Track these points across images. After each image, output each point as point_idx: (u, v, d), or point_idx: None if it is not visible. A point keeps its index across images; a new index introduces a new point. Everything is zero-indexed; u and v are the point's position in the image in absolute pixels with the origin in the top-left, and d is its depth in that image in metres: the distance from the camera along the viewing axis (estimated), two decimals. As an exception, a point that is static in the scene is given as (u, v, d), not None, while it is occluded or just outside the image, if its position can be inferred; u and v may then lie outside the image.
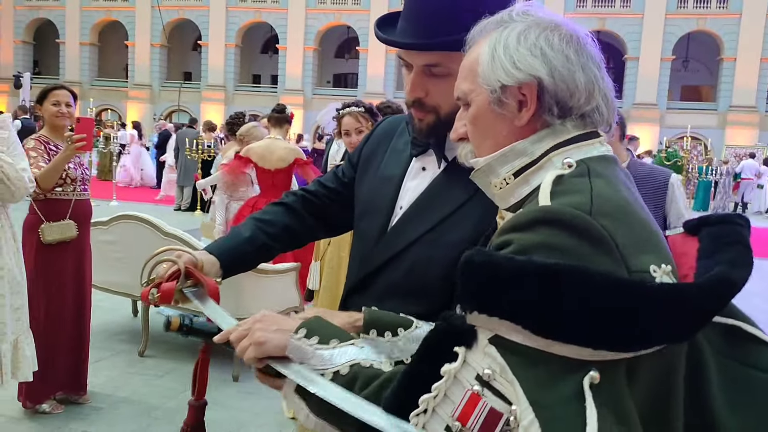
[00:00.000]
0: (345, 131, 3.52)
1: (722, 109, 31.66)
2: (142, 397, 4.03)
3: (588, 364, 0.75)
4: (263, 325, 1.07)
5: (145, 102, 37.11)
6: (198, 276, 1.36)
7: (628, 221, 0.85)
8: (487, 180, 1.02)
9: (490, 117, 0.99)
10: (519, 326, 0.78)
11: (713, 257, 0.88)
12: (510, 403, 0.77)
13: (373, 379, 0.95)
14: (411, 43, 1.27)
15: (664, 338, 0.79)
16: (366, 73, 34.71)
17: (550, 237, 0.81)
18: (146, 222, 4.59)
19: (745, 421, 0.89)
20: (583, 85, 0.95)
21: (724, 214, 1.01)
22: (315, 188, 1.65)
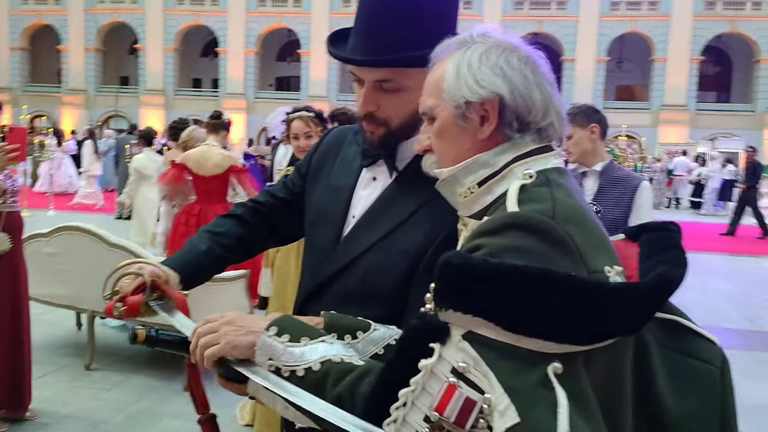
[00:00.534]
0: (294, 135, 3.53)
1: (655, 108, 32.90)
2: (89, 412, 3.95)
3: (551, 356, 0.82)
4: (233, 326, 1.08)
5: (81, 108, 35.97)
6: (164, 288, 1.35)
7: (584, 227, 0.94)
8: (452, 189, 1.09)
9: (454, 130, 1.06)
10: (491, 323, 0.84)
11: (653, 260, 0.98)
12: (483, 392, 0.84)
13: (346, 374, 0.99)
14: (364, 60, 1.32)
15: (618, 332, 0.88)
16: (308, 77, 34.58)
17: (519, 240, 0.88)
18: (90, 233, 4.50)
19: (687, 405, 0.98)
20: (539, 102, 1.03)
21: (660, 222, 1.11)
22: (265, 198, 1.67)
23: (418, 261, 1.32)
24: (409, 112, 1.35)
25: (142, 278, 1.34)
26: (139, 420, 3.86)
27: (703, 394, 1.00)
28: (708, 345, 1.04)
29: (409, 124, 1.37)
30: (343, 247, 1.42)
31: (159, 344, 1.22)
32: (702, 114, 32.66)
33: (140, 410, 4.00)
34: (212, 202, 5.10)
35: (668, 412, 0.97)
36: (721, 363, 1.03)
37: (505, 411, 0.80)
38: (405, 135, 1.39)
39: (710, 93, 35.75)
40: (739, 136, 27.39)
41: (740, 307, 7.52)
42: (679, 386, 0.99)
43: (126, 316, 1.31)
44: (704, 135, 29.99)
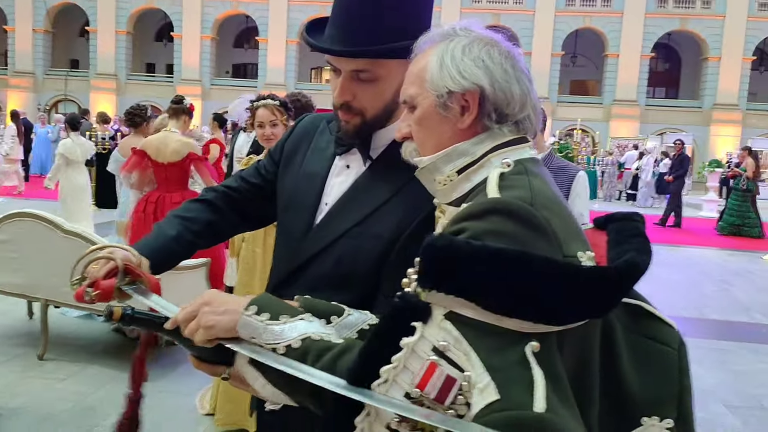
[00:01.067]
0: (259, 123, 3.51)
1: (607, 103, 33.66)
2: (42, 403, 3.86)
3: (529, 336, 0.87)
4: (211, 308, 1.10)
5: (28, 91, 34.76)
6: (138, 272, 1.34)
7: (559, 213, 0.99)
8: (431, 177, 1.12)
9: (435, 119, 1.10)
10: (472, 303, 0.88)
11: (620, 247, 1.04)
12: (462, 370, 0.87)
13: (326, 351, 1.02)
14: (342, 50, 1.34)
15: (590, 313, 0.93)
16: (266, 64, 34.14)
17: (499, 225, 0.92)
18: (43, 220, 4.38)
19: (646, 381, 1.04)
20: (518, 95, 1.07)
21: (626, 212, 1.18)
22: (237, 184, 1.67)
23: (390, 246, 1.35)
24: (384, 102, 1.39)
25: (113, 263, 1.32)
26: (95, 411, 3.80)
27: (663, 375, 1.06)
28: (667, 329, 1.11)
29: (383, 113, 1.40)
30: (317, 233, 1.44)
31: (135, 323, 1.20)
32: (651, 109, 33.60)
33: (96, 401, 3.93)
34: (171, 190, 5.02)
35: (631, 392, 1.02)
36: (678, 346, 1.10)
37: (485, 388, 0.84)
38: (379, 124, 1.42)
39: (660, 89, 36.80)
40: (686, 131, 28.25)
41: (687, 296, 7.80)
42: (641, 367, 1.05)
43: (98, 301, 1.29)
44: (654, 129, 30.94)
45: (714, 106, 32.88)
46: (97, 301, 1.28)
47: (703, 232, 13.81)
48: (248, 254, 3.49)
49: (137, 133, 6.32)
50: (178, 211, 1.62)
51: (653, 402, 1.04)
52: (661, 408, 1.03)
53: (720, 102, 32.82)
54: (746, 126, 32.26)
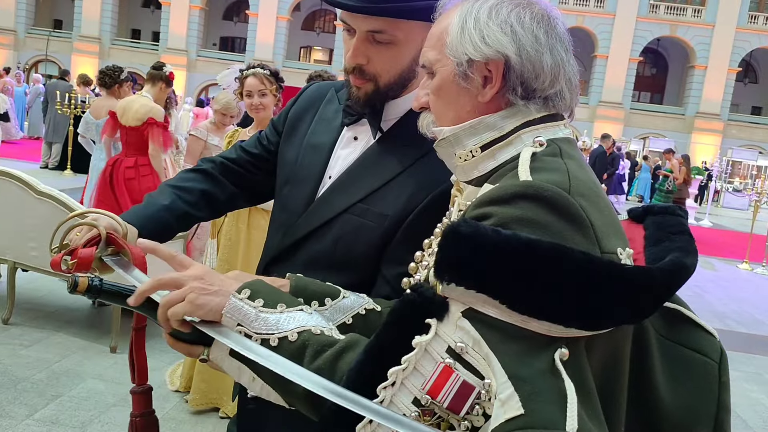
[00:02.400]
0: (247, 92, 3.39)
1: (593, 104, 33.81)
2: (7, 368, 3.71)
3: (558, 341, 0.77)
4: (201, 285, 0.96)
5: (8, 49, 33.93)
6: (122, 243, 1.20)
7: (598, 204, 0.87)
8: (451, 151, 1.00)
9: (453, 89, 0.97)
10: (496, 300, 0.77)
11: (661, 245, 0.93)
12: (482, 377, 0.77)
13: (326, 347, 0.91)
14: (358, 5, 1.22)
15: (629, 318, 0.82)
16: (255, 39, 33.68)
17: (531, 212, 0.80)
18: (16, 179, 4.19)
19: (681, 395, 0.94)
20: (549, 67, 0.94)
21: (667, 205, 1.06)
22: (237, 155, 1.56)
23: (395, 227, 1.26)
24: (401, 69, 1.28)
25: (96, 231, 1.18)
26: (60, 379, 3.66)
27: (699, 387, 0.96)
28: (708, 338, 1.01)
29: (398, 82, 1.29)
30: (317, 207, 1.34)
31: (102, 295, 1.06)
32: (636, 113, 33.85)
33: (62, 369, 3.79)
34: (128, 155, 4.91)
35: (663, 403, 0.93)
36: (719, 358, 1.00)
37: (508, 400, 0.74)
38: (392, 94, 1.31)
39: (645, 93, 37.07)
40: (668, 137, 28.50)
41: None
42: (676, 378, 0.95)
43: (75, 271, 1.14)
44: (637, 133, 31.15)
45: (697, 114, 33.21)
46: (74, 271, 1.14)
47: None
48: (231, 230, 3.36)
49: (109, 95, 6.13)
50: (171, 180, 1.51)
51: (688, 418, 0.94)
52: (694, 421, 0.94)
53: (703, 110, 33.16)
54: (726, 136, 32.66)
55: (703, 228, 16.32)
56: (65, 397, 3.48)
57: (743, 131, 33.35)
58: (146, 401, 1.19)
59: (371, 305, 1.18)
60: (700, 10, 33.11)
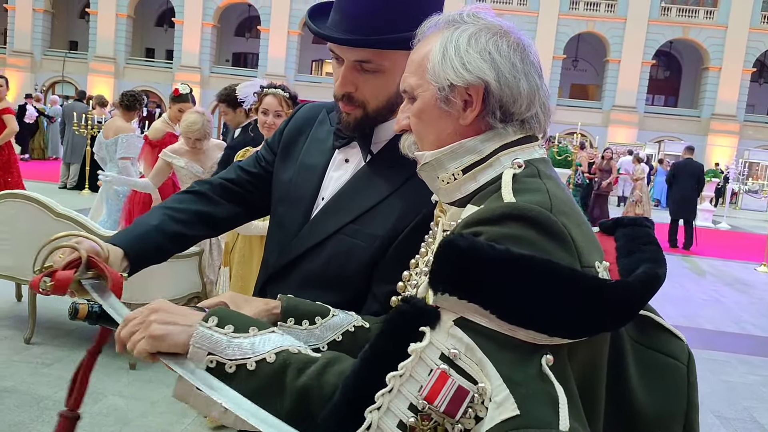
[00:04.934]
0: (264, 110, 3.45)
1: (606, 108, 33.67)
2: (29, 387, 3.80)
3: (542, 347, 0.82)
4: (159, 316, 0.97)
5: (26, 71, 34.52)
6: (102, 266, 1.21)
7: (576, 220, 0.92)
8: (434, 174, 1.04)
9: (435, 113, 1.02)
10: (486, 310, 0.82)
11: (633, 256, 0.99)
12: (475, 381, 0.82)
13: (309, 364, 0.94)
14: (346, 39, 1.27)
15: (608, 326, 0.88)
16: (267, 54, 34.00)
17: (518, 231, 0.86)
18: (35, 201, 4.31)
19: (654, 395, 0.99)
20: (525, 92, 0.99)
21: (634, 217, 1.12)
22: (236, 174, 1.60)
23: (385, 247, 1.30)
24: (388, 95, 1.33)
25: (77, 254, 1.20)
26: (81, 397, 3.75)
27: (672, 389, 1.01)
28: (677, 342, 1.06)
29: (386, 107, 1.34)
30: (309, 229, 1.39)
31: (101, 321, 1.10)
32: (650, 117, 33.65)
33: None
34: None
35: (638, 403, 0.98)
36: (687, 360, 1.05)
37: (503, 402, 0.78)
38: (381, 118, 1.36)
39: (659, 96, 36.86)
40: (684, 140, 28.28)
41: (679, 305, 7.79)
42: (649, 381, 1.00)
43: (53, 293, 1.16)
44: (652, 137, 30.95)
45: (712, 116, 32.95)
46: (51, 293, 1.16)
47: (696, 242, 13.82)
48: (245, 246, 3.44)
49: (124, 117, 6.26)
50: (164, 203, 1.53)
51: (660, 417, 0.99)
52: (669, 423, 0.99)
53: (718, 112, 32.90)
54: (743, 137, 32.34)
55: (721, 231, 16.18)
56: (86, 414, 3.55)
57: (760, 132, 33.02)
58: (71, 428, 1.19)
59: (360, 322, 1.22)
60: (712, 11, 32.93)
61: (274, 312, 1.21)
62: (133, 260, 1.35)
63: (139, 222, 1.44)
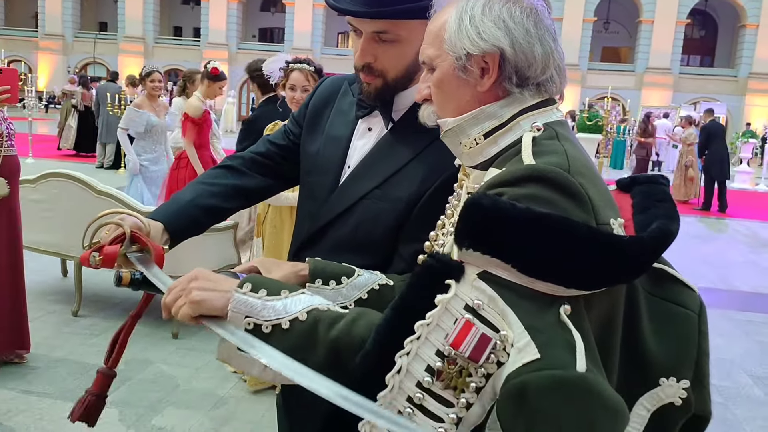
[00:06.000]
0: (291, 86, 3.50)
1: (639, 71, 32.92)
2: (79, 357, 4.00)
3: (560, 298, 0.88)
4: (199, 283, 1.05)
5: (58, 53, 35.08)
6: (144, 240, 1.30)
7: (593, 179, 0.98)
8: (457, 140, 1.09)
9: (454, 82, 1.07)
10: (508, 264, 0.88)
11: (648, 212, 1.03)
12: (497, 329, 0.88)
13: (338, 320, 1.00)
14: (362, 11, 1.32)
15: (623, 279, 0.94)
16: (293, 28, 33.95)
17: (538, 191, 0.91)
18: (77, 180, 4.46)
19: (666, 344, 1.04)
20: (540, 56, 1.03)
21: (650, 174, 1.16)
22: (265, 148, 1.67)
23: (409, 209, 1.36)
24: (406, 64, 1.38)
25: (121, 229, 1.29)
26: (129, 365, 3.92)
27: (683, 337, 1.06)
28: (688, 293, 1.10)
29: (405, 75, 1.40)
30: (338, 195, 1.46)
31: (142, 287, 1.20)
32: (685, 78, 32.81)
33: (129, 355, 4.05)
34: None
35: (651, 354, 1.03)
36: (699, 309, 1.09)
37: (525, 347, 0.85)
38: (401, 86, 1.41)
39: (695, 57, 35.84)
40: (721, 100, 27.57)
41: (716, 267, 7.72)
42: (662, 330, 1.04)
43: (102, 267, 1.26)
44: (687, 99, 30.19)
45: (750, 75, 31.98)
46: (101, 267, 1.26)
47: (733, 203, 13.58)
48: (276, 217, 3.54)
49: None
50: (198, 178, 1.62)
51: (672, 363, 1.03)
52: (679, 369, 1.03)
53: (756, 71, 31.91)
54: (783, 96, 31.38)
55: (759, 192, 15.84)
56: (134, 380, 3.73)
57: (801, 90, 32.00)
58: (107, 385, 1.29)
59: (384, 280, 1.29)
60: (749, -34, 31.78)
61: (302, 274, 1.29)
62: (172, 234, 1.43)
63: (176, 197, 1.52)
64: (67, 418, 1.27)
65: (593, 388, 0.83)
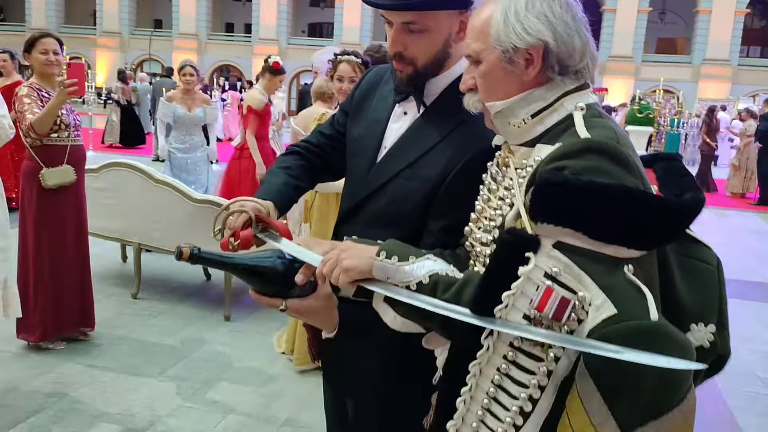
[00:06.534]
0: (339, 77, 3.63)
1: (696, 62, 31.96)
2: (139, 335, 4.24)
3: (623, 260, 1.00)
4: (348, 253, 1.24)
5: (115, 50, 36.22)
6: (267, 221, 1.46)
7: (634, 151, 1.11)
8: (506, 120, 1.21)
9: (500, 73, 1.19)
10: (579, 233, 1.00)
11: (672, 185, 1.15)
12: (574, 292, 0.99)
13: (451, 284, 1.16)
14: (390, 3, 1.43)
15: (670, 239, 1.07)
16: (342, 23, 34.21)
17: (596, 162, 1.03)
18: (137, 170, 4.71)
19: (696, 295, 1.16)
20: (578, 47, 1.16)
21: (669, 153, 1.29)
22: (316, 139, 1.83)
23: (437, 186, 1.47)
24: (435, 52, 1.49)
25: (246, 214, 1.45)
26: (185, 343, 4.15)
27: (707, 288, 1.17)
28: (707, 250, 1.21)
29: (434, 62, 1.50)
30: (374, 174, 1.58)
31: (201, 261, 1.30)
32: (744, 69, 31.70)
33: (186, 335, 4.28)
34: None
35: (683, 303, 1.14)
36: (717, 264, 1.20)
37: (602, 305, 0.97)
38: (432, 73, 1.52)
39: (755, 48, 34.59)
40: (782, 93, 26.55)
41: (764, 260, 7.55)
42: (690, 283, 1.16)
43: (239, 249, 1.42)
44: (746, 91, 29.17)
45: (814, 66, 30.71)
46: (239, 250, 1.43)
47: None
48: (323, 204, 3.71)
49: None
50: (276, 165, 1.80)
51: (700, 311, 1.15)
52: (706, 316, 1.15)
53: (821, 61, 30.61)
54: None
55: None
56: (189, 358, 3.94)
57: None
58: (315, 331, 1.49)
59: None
60: (814, -49, 30.45)
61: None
62: (280, 211, 1.62)
63: (270, 181, 1.70)
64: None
65: (667, 332, 0.95)
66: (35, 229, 3.74)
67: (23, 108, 3.63)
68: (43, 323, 3.80)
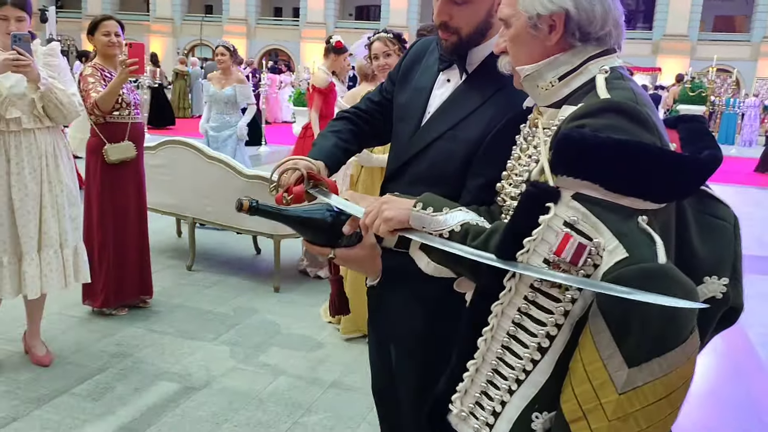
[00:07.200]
0: (374, 55, 3.77)
1: (756, 40, 30.74)
2: (195, 304, 4.48)
3: (638, 211, 1.07)
4: (389, 205, 1.35)
5: (168, 36, 36.98)
6: (318, 177, 1.59)
7: (654, 111, 1.18)
8: (534, 83, 1.30)
9: (526, 37, 1.28)
10: (596, 185, 1.07)
11: (694, 144, 1.22)
12: (590, 238, 1.07)
13: (480, 233, 1.25)
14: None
15: (686, 193, 1.14)
16: (389, 5, 34.13)
17: (614, 120, 1.10)
18: (192, 147, 4.93)
19: (710, 250, 1.23)
20: (600, 15, 1.23)
21: (692, 115, 1.35)
22: (365, 105, 1.96)
23: (476, 148, 1.57)
24: (477, 22, 1.59)
25: (299, 171, 1.59)
26: (237, 311, 4.36)
27: (721, 243, 1.24)
28: (724, 208, 1.28)
29: (477, 32, 1.60)
30: (418, 137, 1.70)
31: (258, 213, 1.41)
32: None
33: (238, 304, 4.50)
34: None
35: (697, 256, 1.21)
36: (734, 221, 1.27)
37: (614, 250, 1.05)
38: (474, 42, 1.62)
39: (820, 24, 32.99)
40: None
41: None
42: (705, 237, 1.23)
43: (292, 204, 1.55)
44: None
45: None
46: (292, 204, 1.56)
47: None
48: (367, 179, 3.86)
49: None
50: (327, 128, 1.94)
51: (714, 264, 1.22)
52: (719, 269, 1.22)
53: None
54: None
55: None
56: (242, 325, 4.15)
57: None
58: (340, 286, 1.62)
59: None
60: None
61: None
62: (330, 170, 1.75)
63: (320, 143, 1.84)
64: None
65: (673, 274, 1.03)
66: (99, 201, 3.98)
67: (87, 87, 3.86)
68: (105, 290, 4.06)
